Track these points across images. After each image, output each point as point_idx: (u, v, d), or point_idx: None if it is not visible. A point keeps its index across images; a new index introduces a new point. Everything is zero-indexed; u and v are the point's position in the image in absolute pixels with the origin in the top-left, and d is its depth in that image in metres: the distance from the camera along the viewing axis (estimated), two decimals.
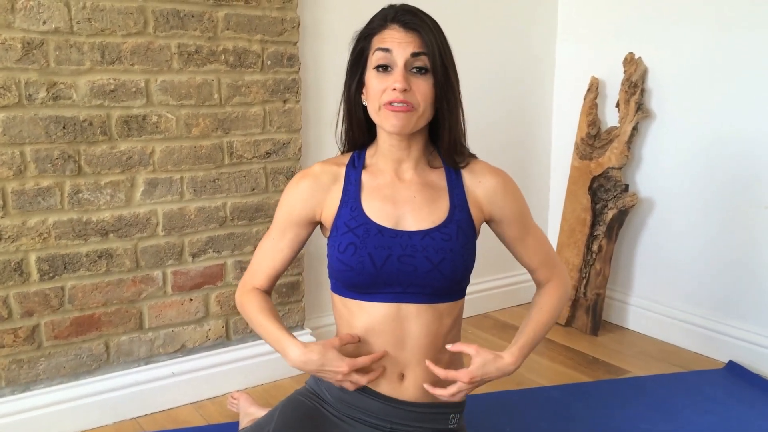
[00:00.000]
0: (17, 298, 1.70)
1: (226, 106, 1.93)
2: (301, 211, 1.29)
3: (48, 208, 1.71)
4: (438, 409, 1.27)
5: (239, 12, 1.90)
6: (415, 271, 1.19)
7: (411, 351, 1.23)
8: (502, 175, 1.30)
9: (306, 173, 1.30)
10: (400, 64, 1.15)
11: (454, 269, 1.20)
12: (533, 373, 2.16)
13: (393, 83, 1.15)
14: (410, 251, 1.19)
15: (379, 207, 1.23)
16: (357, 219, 1.22)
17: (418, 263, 1.18)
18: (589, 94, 2.56)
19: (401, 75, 1.15)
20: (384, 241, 1.19)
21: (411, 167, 1.26)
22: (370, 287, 1.20)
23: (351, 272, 1.20)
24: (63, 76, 1.68)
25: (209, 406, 1.95)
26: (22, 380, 1.75)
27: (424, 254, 1.19)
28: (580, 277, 2.53)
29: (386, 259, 1.18)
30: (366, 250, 1.19)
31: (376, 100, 1.18)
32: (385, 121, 1.18)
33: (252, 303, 1.30)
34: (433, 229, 1.21)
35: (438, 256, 1.19)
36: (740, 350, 2.21)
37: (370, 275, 1.19)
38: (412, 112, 1.17)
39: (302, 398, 1.32)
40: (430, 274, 1.19)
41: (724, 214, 2.25)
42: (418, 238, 1.20)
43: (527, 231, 1.33)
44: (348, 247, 1.20)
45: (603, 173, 2.47)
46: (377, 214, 1.22)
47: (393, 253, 1.19)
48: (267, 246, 1.33)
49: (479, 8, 2.52)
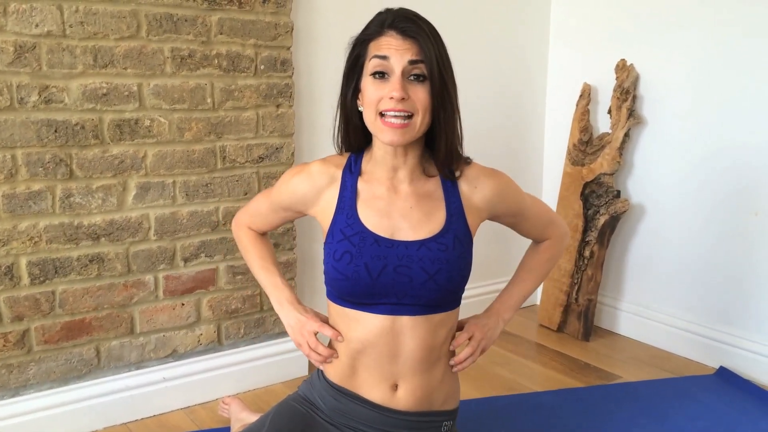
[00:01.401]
0: (7, 303, 1.69)
1: (219, 111, 1.92)
2: (291, 203, 1.32)
3: (39, 212, 1.70)
4: (431, 417, 1.27)
5: (233, 16, 1.90)
6: (411, 281, 1.18)
7: (405, 363, 1.22)
8: (496, 176, 1.29)
9: (303, 169, 1.29)
10: (398, 72, 1.14)
11: (450, 279, 1.19)
12: (525, 379, 2.17)
13: (390, 92, 1.13)
14: (406, 262, 1.18)
15: (376, 217, 1.21)
16: (353, 227, 1.21)
17: (414, 274, 1.17)
18: (581, 101, 2.57)
19: (399, 83, 1.13)
20: (380, 251, 1.18)
21: (406, 176, 1.24)
22: (365, 297, 1.20)
23: (346, 282, 1.19)
24: (55, 80, 1.67)
25: (200, 412, 1.94)
26: (12, 385, 1.73)
27: (420, 265, 1.18)
28: (571, 283, 2.53)
29: (382, 270, 1.17)
30: (362, 259, 1.18)
31: (373, 107, 1.16)
32: (380, 133, 1.17)
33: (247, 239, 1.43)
34: (429, 239, 1.20)
35: (434, 267, 1.18)
36: (731, 356, 2.22)
37: (366, 285, 1.18)
38: (408, 127, 1.15)
39: (294, 404, 1.31)
40: (425, 285, 1.18)
41: (715, 220, 2.26)
42: (414, 249, 1.19)
43: (524, 211, 1.36)
44: (344, 256, 1.19)
45: (595, 179, 2.48)
46: (374, 223, 1.21)
47: (389, 264, 1.18)
48: (262, 208, 1.40)
49: (471, 15, 2.53)
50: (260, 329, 2.10)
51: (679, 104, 2.33)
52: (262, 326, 2.10)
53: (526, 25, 2.70)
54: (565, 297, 2.55)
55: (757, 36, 2.10)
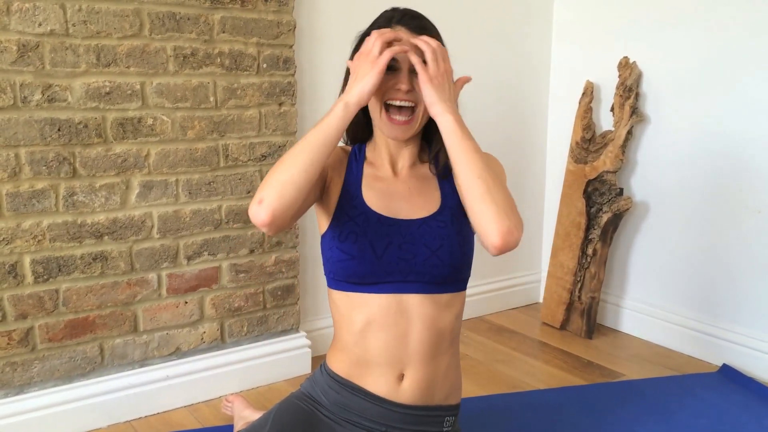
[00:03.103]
0: (11, 301, 1.70)
1: (222, 109, 1.93)
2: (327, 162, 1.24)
3: (42, 211, 1.71)
4: (434, 411, 1.27)
5: (235, 15, 1.90)
6: (415, 257, 1.21)
7: (413, 346, 1.23)
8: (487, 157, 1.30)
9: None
10: (405, 67, 1.20)
11: (452, 254, 1.22)
12: (528, 376, 2.17)
13: (398, 84, 1.19)
14: (409, 239, 1.22)
15: (377, 198, 1.26)
16: (357, 208, 1.25)
17: (418, 250, 1.21)
18: (584, 98, 2.57)
19: (406, 77, 1.20)
20: (383, 230, 1.22)
21: (406, 163, 1.31)
22: (370, 276, 1.21)
23: (352, 261, 1.21)
24: (58, 79, 1.68)
25: (204, 409, 1.95)
26: (16, 383, 1.74)
27: (423, 241, 1.21)
28: (574, 281, 2.53)
29: (387, 247, 1.21)
30: (366, 238, 1.21)
31: (378, 98, 1.22)
32: (385, 128, 1.24)
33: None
34: (428, 217, 1.24)
35: (436, 243, 1.21)
36: (734, 353, 2.22)
37: (371, 263, 1.20)
38: (411, 123, 1.22)
39: (297, 401, 1.31)
40: (428, 261, 1.21)
41: (718, 217, 2.26)
42: (416, 227, 1.23)
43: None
44: (349, 236, 1.22)
45: (598, 177, 2.48)
46: (376, 203, 1.25)
47: (393, 241, 1.21)
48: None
49: (474, 13, 2.53)
50: (263, 327, 2.10)
51: (682, 102, 2.32)
52: (265, 324, 2.10)
53: (528, 22, 2.70)
54: (568, 295, 2.55)
55: (760, 34, 2.09)
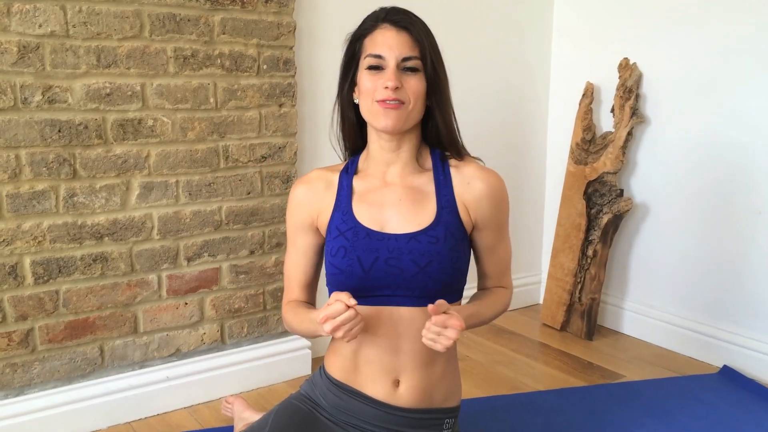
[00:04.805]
0: (11, 302, 1.70)
1: (222, 110, 1.93)
2: (301, 217, 1.32)
3: (43, 212, 1.71)
4: (433, 414, 1.27)
5: (235, 16, 1.90)
6: (402, 273, 1.20)
7: (406, 355, 1.23)
8: (491, 180, 1.28)
9: (302, 180, 1.34)
10: (392, 65, 1.19)
11: (442, 272, 1.20)
12: (528, 378, 2.17)
13: (385, 81, 1.18)
14: (396, 254, 1.20)
15: (367, 211, 1.25)
16: (347, 222, 1.24)
17: (405, 266, 1.20)
18: (584, 99, 2.57)
19: (393, 74, 1.19)
20: (372, 244, 1.21)
21: (399, 170, 1.27)
22: (361, 290, 1.21)
23: (342, 275, 1.22)
24: (58, 80, 1.68)
25: (204, 411, 1.95)
26: (16, 384, 1.74)
27: (410, 257, 1.20)
28: (575, 282, 2.53)
29: (374, 262, 1.20)
30: (355, 253, 1.21)
31: (369, 97, 1.21)
32: (375, 118, 1.21)
33: (289, 314, 1.33)
34: (419, 232, 1.22)
35: (424, 260, 1.19)
36: (734, 355, 2.22)
37: (359, 278, 1.20)
38: (402, 109, 1.20)
39: (297, 403, 1.32)
40: (416, 277, 1.20)
41: (718, 219, 2.25)
42: (404, 241, 1.21)
43: (501, 242, 1.33)
44: (339, 251, 1.22)
45: (598, 178, 2.48)
46: (365, 217, 1.24)
47: (380, 256, 1.20)
48: (289, 261, 1.37)
49: (474, 14, 2.52)
50: (263, 328, 2.10)
51: (682, 103, 2.32)
52: (265, 325, 2.10)
53: (529, 23, 2.70)
54: (569, 296, 2.55)
55: (761, 35, 2.09)
